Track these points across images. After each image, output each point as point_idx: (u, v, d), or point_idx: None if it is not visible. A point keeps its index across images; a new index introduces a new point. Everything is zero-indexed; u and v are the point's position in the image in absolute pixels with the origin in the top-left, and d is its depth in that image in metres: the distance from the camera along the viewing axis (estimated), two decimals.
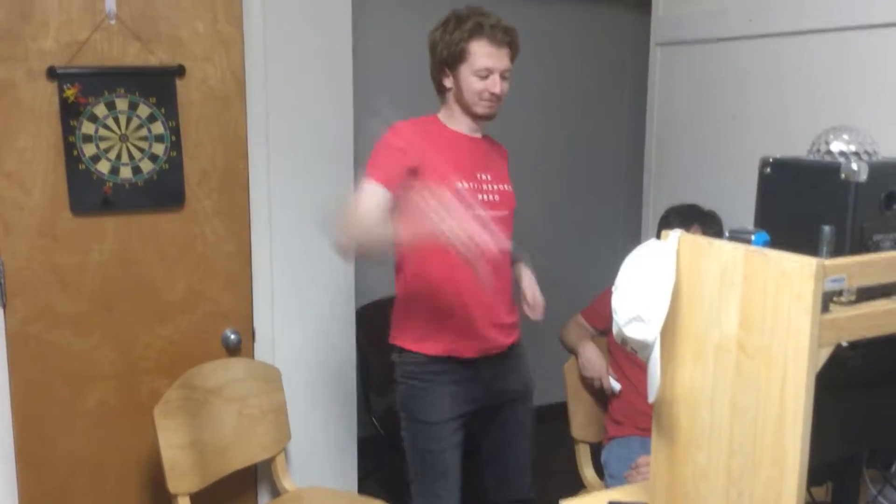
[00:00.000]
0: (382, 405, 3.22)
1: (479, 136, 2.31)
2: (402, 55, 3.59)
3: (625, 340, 1.44)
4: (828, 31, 2.31)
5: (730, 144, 2.66)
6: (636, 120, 3.73)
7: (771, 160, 1.43)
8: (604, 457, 2.62)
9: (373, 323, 3.09)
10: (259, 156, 2.58)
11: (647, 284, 1.40)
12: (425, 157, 2.18)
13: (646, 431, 2.57)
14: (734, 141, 2.65)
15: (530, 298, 2.29)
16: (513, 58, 2.24)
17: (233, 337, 2.60)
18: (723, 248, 1.33)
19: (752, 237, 1.34)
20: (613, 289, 1.45)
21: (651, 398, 1.43)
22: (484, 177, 2.25)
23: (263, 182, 2.59)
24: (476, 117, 2.25)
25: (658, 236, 2.71)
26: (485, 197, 2.23)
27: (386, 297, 3.43)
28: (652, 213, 2.96)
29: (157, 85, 2.40)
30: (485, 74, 2.17)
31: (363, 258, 2.29)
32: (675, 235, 1.41)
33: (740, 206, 2.64)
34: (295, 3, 2.56)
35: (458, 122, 2.27)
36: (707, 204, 2.62)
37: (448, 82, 2.23)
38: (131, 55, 2.36)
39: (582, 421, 2.73)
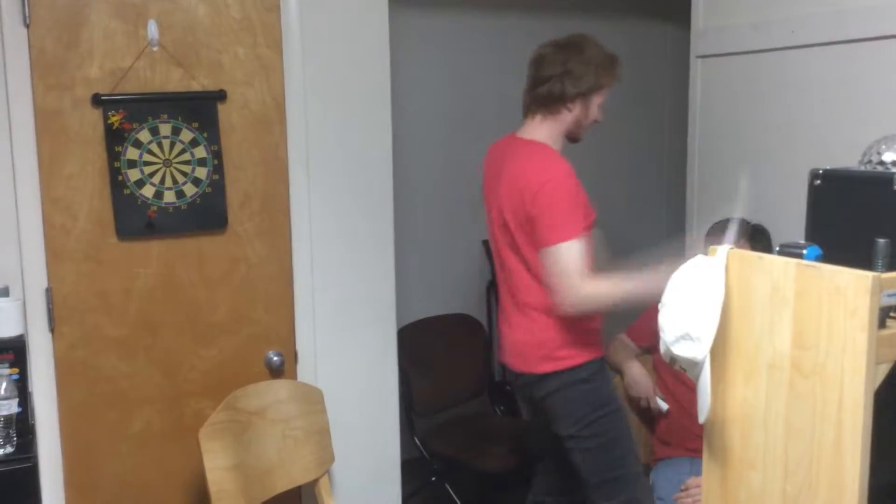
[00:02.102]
0: (424, 426, 3.20)
1: None
2: (439, 81, 3.62)
3: (673, 359, 1.40)
4: (873, 39, 2.26)
5: (775, 156, 2.62)
6: (677, 134, 3.68)
7: (821, 172, 1.40)
8: (652, 478, 2.57)
9: (414, 343, 3.09)
10: (299, 178, 2.59)
11: (695, 301, 1.37)
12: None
13: (695, 452, 2.51)
14: (779, 153, 2.60)
15: None
16: None
17: (276, 358, 2.61)
18: (773, 264, 1.30)
19: (804, 252, 1.30)
20: (660, 306, 1.43)
21: (701, 418, 1.39)
22: None
23: (304, 204, 2.60)
24: (574, 140, 2.44)
25: (705, 252, 2.69)
26: None
27: (427, 316, 3.46)
28: (696, 227, 2.91)
29: (200, 110, 2.43)
30: (603, 105, 2.41)
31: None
32: (723, 251, 1.38)
33: (787, 219, 2.59)
34: (333, 27, 2.58)
35: (557, 143, 2.40)
36: (753, 218, 2.57)
37: (573, 107, 2.36)
38: (174, 81, 2.39)
39: None
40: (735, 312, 1.36)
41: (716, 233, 2.62)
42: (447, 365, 3.26)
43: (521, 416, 3.54)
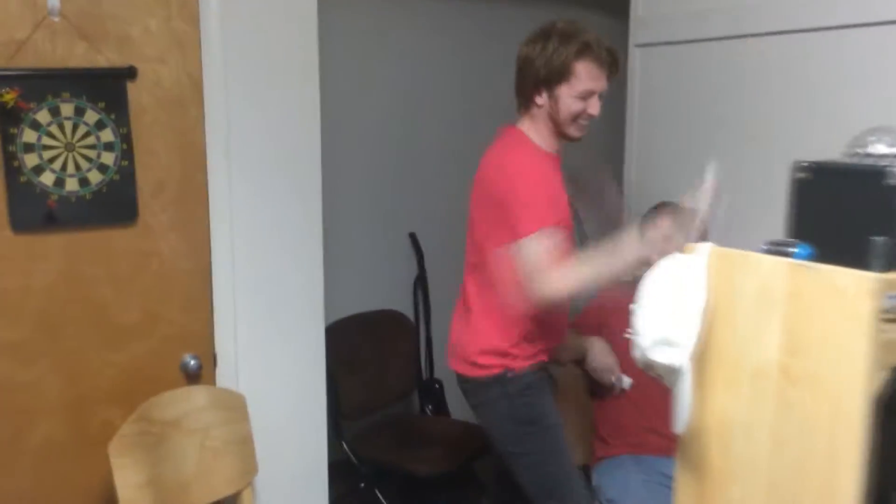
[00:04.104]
0: (352, 429, 3.04)
1: (558, 154, 2.26)
2: (373, 56, 3.44)
3: (648, 365, 1.29)
4: (825, 29, 2.21)
5: (718, 148, 2.55)
6: (607, 124, 3.61)
7: (806, 164, 1.30)
8: (595, 480, 2.48)
9: (340, 342, 2.92)
10: (219, 165, 2.38)
11: (674, 303, 1.26)
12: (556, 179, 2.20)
13: (638, 448, 2.44)
14: (723, 145, 2.54)
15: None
16: (611, 78, 2.17)
17: (192, 362, 2.40)
18: (761, 263, 1.20)
19: (794, 250, 1.21)
20: (633, 307, 1.31)
21: (679, 428, 1.29)
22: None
23: (224, 194, 2.39)
24: (565, 138, 2.19)
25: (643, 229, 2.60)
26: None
27: (353, 313, 3.28)
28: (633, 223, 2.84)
29: (106, 88, 2.19)
30: (585, 96, 2.11)
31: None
32: (703, 248, 1.27)
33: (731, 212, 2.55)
34: (256, 0, 2.37)
35: (544, 140, 2.21)
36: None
37: (541, 100, 2.16)
38: (77, 56, 2.15)
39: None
40: (717, 315, 1.26)
41: (655, 216, 2.56)
42: (375, 364, 3.10)
43: (450, 416, 3.41)
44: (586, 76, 2.09)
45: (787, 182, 2.35)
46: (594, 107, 2.12)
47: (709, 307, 1.25)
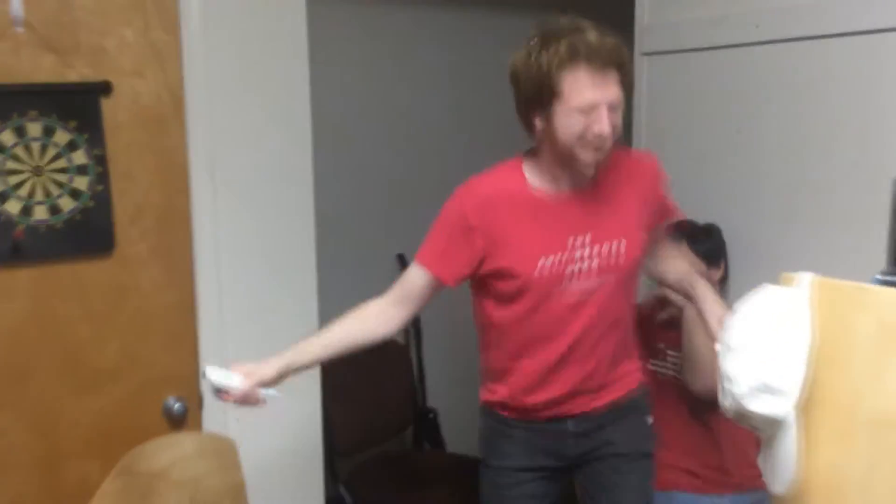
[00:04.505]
0: (347, 467, 2.82)
1: (581, 185, 1.84)
2: (365, 68, 3.24)
3: (742, 415, 1.12)
4: (851, 34, 2.08)
5: (734, 160, 2.42)
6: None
7: None
8: None
9: (332, 374, 2.70)
10: (203, 189, 2.17)
11: (775, 344, 1.09)
12: (499, 234, 1.84)
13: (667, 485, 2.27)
14: (739, 156, 2.41)
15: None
16: (624, 81, 1.73)
17: (177, 406, 2.18)
18: (881, 297, 1.04)
19: None
20: (725, 350, 1.14)
21: (781, 489, 1.12)
22: (579, 240, 1.82)
23: (209, 220, 2.18)
24: (578, 167, 1.78)
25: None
26: (576, 268, 1.83)
27: None
28: None
29: (78, 105, 1.97)
30: (587, 110, 1.68)
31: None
32: (805, 280, 1.11)
33: (750, 227, 2.41)
34: (242, 7, 2.17)
35: (548, 175, 1.83)
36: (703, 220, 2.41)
37: (539, 122, 1.77)
38: (45, 70, 1.93)
39: None
40: (824, 357, 1.09)
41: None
42: (370, 396, 2.90)
43: (445, 448, 3.21)
44: (580, 86, 1.67)
45: (815, 194, 2.24)
46: (601, 122, 1.68)
47: (814, 348, 1.08)
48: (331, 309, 2.59)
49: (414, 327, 3.33)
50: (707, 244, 2.37)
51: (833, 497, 1.10)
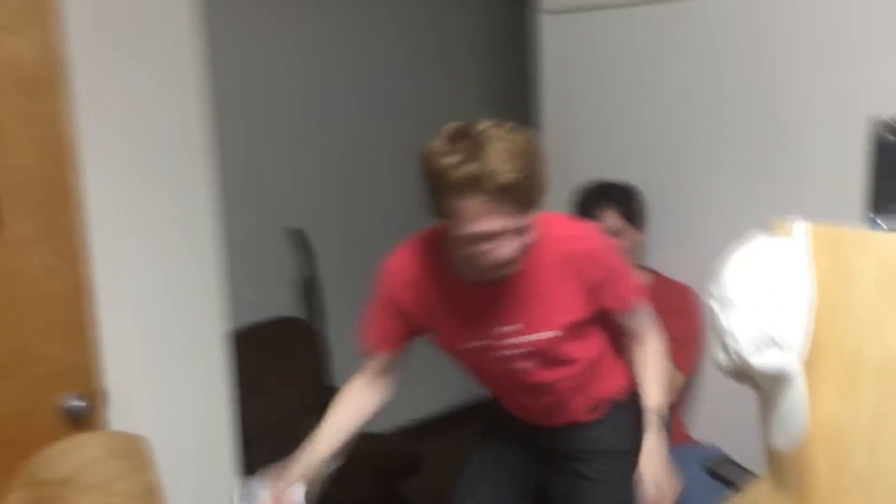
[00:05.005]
0: (262, 456, 2.65)
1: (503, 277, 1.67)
2: (264, 37, 3.03)
3: (743, 373, 1.08)
4: None
5: (646, 119, 2.42)
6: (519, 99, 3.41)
7: (891, 122, 1.13)
8: None
9: (236, 360, 2.53)
10: (93, 162, 1.94)
11: (776, 296, 1.05)
12: (428, 312, 1.77)
13: None
14: (651, 114, 2.40)
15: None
16: (523, 202, 1.48)
17: (76, 404, 1.96)
18: (883, 242, 1.01)
19: None
20: (716, 304, 1.09)
21: (787, 444, 1.09)
22: (507, 329, 1.72)
23: (102, 196, 1.96)
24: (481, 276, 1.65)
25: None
26: (508, 352, 1.76)
27: (246, 325, 2.87)
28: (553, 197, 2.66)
29: None
30: (468, 242, 1.53)
31: None
32: (801, 229, 1.07)
33: (660, 183, 2.42)
34: None
35: (463, 267, 1.68)
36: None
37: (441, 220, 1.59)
38: None
39: None
40: (824, 307, 1.06)
41: (585, 200, 2.41)
42: (279, 380, 2.73)
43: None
44: (457, 218, 1.50)
45: (728, 147, 2.26)
46: (488, 254, 1.53)
47: (813, 298, 1.05)
48: (236, 290, 2.44)
49: (316, 305, 3.19)
50: (632, 206, 2.36)
51: (837, 449, 1.08)
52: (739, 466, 2.21)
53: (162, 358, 2.12)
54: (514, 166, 1.43)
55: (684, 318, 2.34)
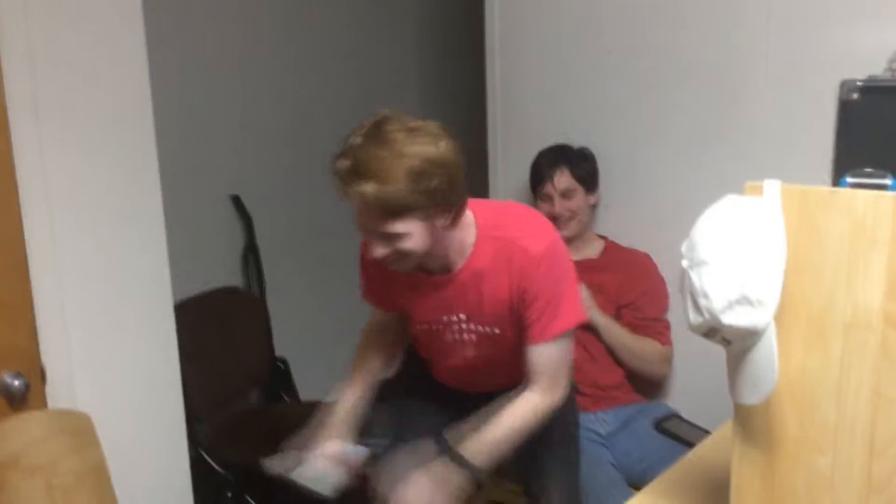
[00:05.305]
0: (207, 431, 2.60)
1: (449, 271, 1.68)
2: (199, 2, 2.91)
3: (715, 330, 1.10)
4: None
5: (604, 83, 2.42)
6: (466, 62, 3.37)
7: (859, 84, 1.16)
8: None
9: (178, 333, 2.46)
10: (25, 131, 1.83)
11: (747, 254, 1.07)
12: (385, 279, 1.76)
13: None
14: (598, 77, 2.41)
15: None
16: (390, 213, 1.49)
17: (15, 382, 1.87)
18: (854, 199, 1.04)
19: (888, 182, 1.06)
20: (692, 265, 1.10)
21: (757, 399, 1.11)
22: (454, 317, 1.73)
23: (35, 166, 1.86)
24: None
25: (533, 187, 2.46)
26: (456, 336, 1.77)
27: (185, 297, 2.78)
28: (500, 166, 2.66)
29: None
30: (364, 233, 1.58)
31: None
32: (772, 187, 1.09)
33: (611, 148, 2.43)
34: None
35: None
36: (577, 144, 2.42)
37: None
38: None
39: None
40: (795, 263, 1.08)
41: (542, 161, 2.43)
42: (222, 352, 2.67)
43: (299, 398, 3.06)
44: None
45: (684, 116, 2.28)
46: (376, 250, 1.57)
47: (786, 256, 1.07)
48: (174, 261, 2.37)
49: (257, 276, 3.13)
50: (585, 168, 2.39)
51: (804, 402, 1.12)
52: (686, 421, 2.27)
53: (102, 331, 2.04)
54: (386, 178, 1.45)
55: (652, 296, 2.39)
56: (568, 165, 2.37)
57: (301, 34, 3.27)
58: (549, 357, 1.68)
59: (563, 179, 2.35)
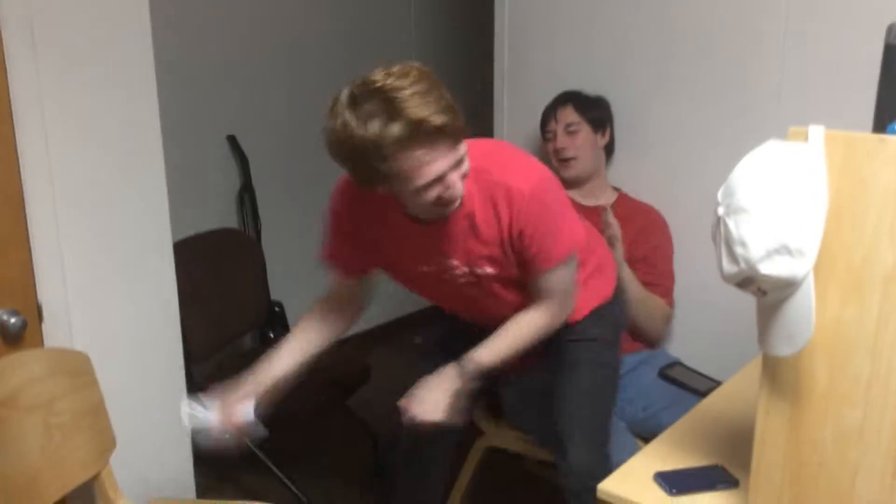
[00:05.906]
0: (204, 374, 2.57)
1: (446, 216, 1.64)
2: None
3: (749, 279, 1.07)
4: None
5: (606, 28, 2.36)
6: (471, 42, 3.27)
7: None
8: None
9: (185, 269, 2.42)
10: (21, 59, 1.77)
11: (789, 202, 1.03)
12: (368, 231, 1.71)
13: None
14: (611, 23, 2.35)
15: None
16: (454, 134, 1.45)
17: (12, 320, 1.83)
18: None
19: None
20: (731, 213, 1.07)
21: (792, 350, 1.09)
22: (449, 262, 1.70)
23: (32, 97, 1.80)
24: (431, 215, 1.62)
25: (542, 130, 2.41)
26: (448, 275, 1.74)
27: (182, 237, 2.72)
28: (507, 124, 2.62)
29: None
30: (422, 191, 1.48)
31: None
32: (817, 133, 1.05)
33: (631, 99, 2.38)
34: None
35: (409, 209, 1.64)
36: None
37: (381, 189, 1.53)
38: None
39: None
40: (836, 213, 1.05)
41: (551, 104, 2.38)
42: (218, 294, 2.62)
43: None
44: (419, 170, 1.46)
45: (691, 65, 2.22)
46: (451, 187, 1.50)
47: (827, 205, 1.04)
48: (170, 201, 2.30)
49: (253, 218, 3.07)
50: (595, 111, 2.34)
51: (838, 353, 1.09)
52: (690, 369, 2.26)
53: (100, 270, 2.00)
54: (433, 107, 1.40)
55: (663, 252, 2.36)
56: (573, 102, 2.33)
57: None
58: (557, 281, 1.73)
59: (566, 113, 2.31)
